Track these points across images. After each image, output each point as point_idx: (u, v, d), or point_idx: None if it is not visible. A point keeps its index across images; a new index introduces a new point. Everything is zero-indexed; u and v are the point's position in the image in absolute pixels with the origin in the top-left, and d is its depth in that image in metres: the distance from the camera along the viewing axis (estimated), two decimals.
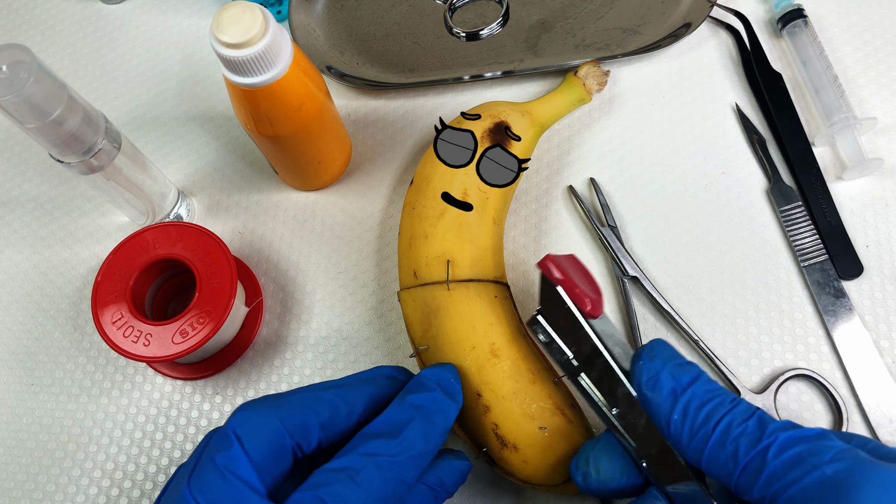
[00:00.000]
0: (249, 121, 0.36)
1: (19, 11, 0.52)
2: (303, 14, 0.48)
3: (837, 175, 0.43)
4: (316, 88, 0.36)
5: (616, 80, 0.46)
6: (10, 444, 0.41)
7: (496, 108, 0.41)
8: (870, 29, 0.46)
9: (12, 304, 0.44)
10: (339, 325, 0.42)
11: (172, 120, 0.48)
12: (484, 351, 0.35)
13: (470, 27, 0.47)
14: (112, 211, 0.46)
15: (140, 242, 0.38)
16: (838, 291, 0.40)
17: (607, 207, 0.42)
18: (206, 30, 0.50)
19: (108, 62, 0.50)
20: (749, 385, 0.39)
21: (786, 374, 0.38)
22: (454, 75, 0.46)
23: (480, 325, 0.35)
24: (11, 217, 0.46)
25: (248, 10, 0.30)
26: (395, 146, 0.46)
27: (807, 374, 0.38)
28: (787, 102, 0.44)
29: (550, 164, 0.44)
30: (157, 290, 0.41)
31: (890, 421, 0.37)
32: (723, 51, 0.46)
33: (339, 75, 0.46)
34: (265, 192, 0.45)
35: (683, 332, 0.39)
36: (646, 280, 0.40)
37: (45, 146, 0.34)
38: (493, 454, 0.34)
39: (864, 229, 0.41)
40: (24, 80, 0.30)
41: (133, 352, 0.36)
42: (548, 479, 0.34)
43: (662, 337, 0.40)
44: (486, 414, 0.34)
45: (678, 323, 0.39)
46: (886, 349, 0.39)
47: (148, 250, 0.38)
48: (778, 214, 0.42)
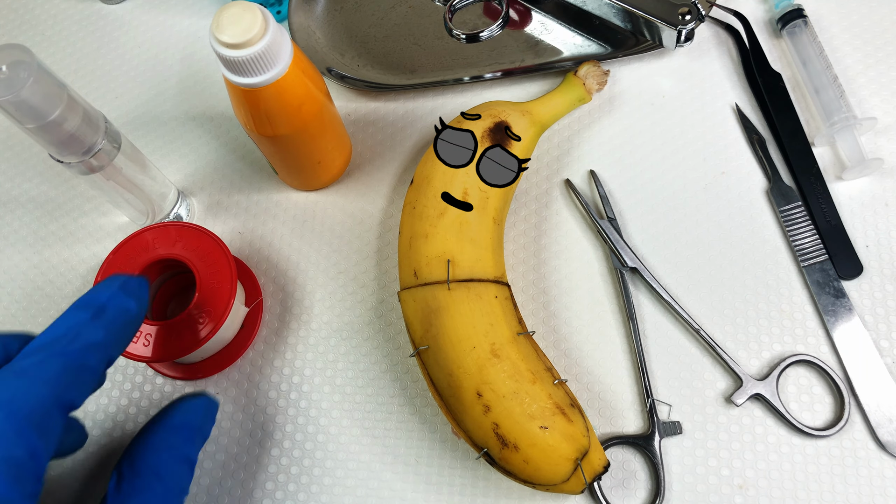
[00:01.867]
0: (249, 121, 0.36)
1: (19, 11, 0.52)
2: (303, 16, 0.48)
3: (837, 175, 0.43)
4: (316, 88, 0.36)
5: (616, 80, 0.46)
6: None
7: (496, 107, 0.41)
8: (870, 29, 0.46)
9: (12, 304, 0.44)
10: (339, 326, 0.42)
11: (172, 120, 0.48)
12: (484, 351, 0.35)
13: (470, 28, 0.47)
14: (112, 211, 0.46)
15: (140, 242, 0.38)
16: (838, 291, 0.40)
17: (607, 200, 0.43)
18: (206, 30, 0.50)
19: (108, 62, 0.50)
20: (750, 372, 0.39)
21: (787, 360, 0.39)
22: (454, 76, 0.46)
23: (481, 324, 0.35)
24: (11, 217, 0.46)
25: (247, 10, 0.30)
26: (395, 146, 0.46)
27: (807, 359, 0.39)
28: (787, 102, 0.44)
29: (550, 163, 0.44)
30: (156, 291, 0.41)
31: (890, 421, 0.37)
32: (722, 51, 0.46)
33: (339, 77, 0.46)
34: (265, 192, 0.45)
35: (684, 321, 0.40)
36: (645, 271, 0.40)
37: (45, 146, 0.34)
38: (494, 454, 0.34)
39: (864, 229, 0.41)
40: (24, 80, 0.30)
41: (133, 352, 0.36)
42: (549, 478, 0.34)
43: (662, 327, 0.40)
44: (487, 414, 0.34)
45: (678, 313, 0.40)
46: (886, 349, 0.39)
47: (148, 250, 0.38)
48: (778, 214, 0.42)
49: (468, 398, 0.34)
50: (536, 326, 0.41)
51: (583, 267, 0.42)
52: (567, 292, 0.41)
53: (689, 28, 0.42)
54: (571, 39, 0.47)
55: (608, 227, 0.42)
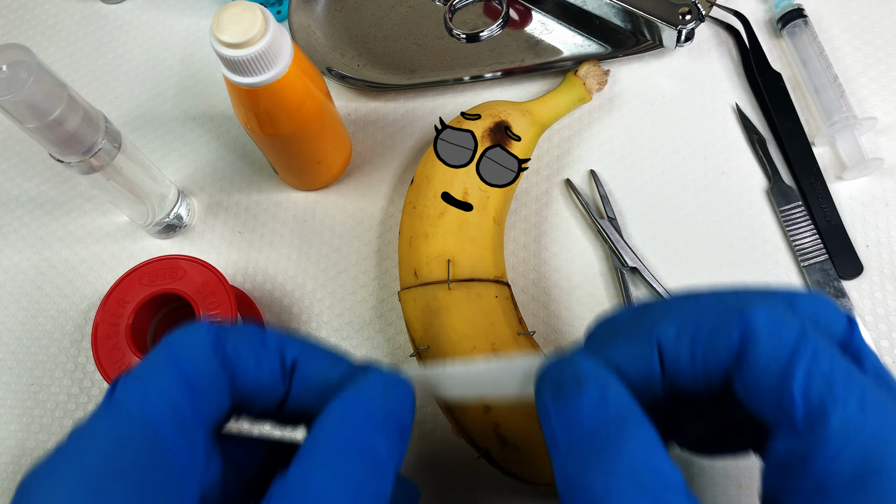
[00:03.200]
0: (249, 120, 0.36)
1: (19, 11, 0.52)
2: (303, 16, 0.48)
3: (837, 175, 0.43)
4: (316, 88, 0.36)
5: (616, 80, 0.46)
6: (10, 444, 0.41)
7: (496, 107, 0.41)
8: (870, 29, 0.46)
9: (12, 304, 0.44)
10: (339, 326, 0.42)
11: (172, 120, 0.48)
12: (485, 350, 0.35)
13: (470, 28, 0.47)
14: (112, 211, 0.46)
15: (137, 278, 0.38)
16: (838, 291, 0.40)
17: (607, 199, 0.43)
18: (206, 30, 0.50)
19: (108, 62, 0.50)
20: None
21: None
22: (454, 76, 0.46)
23: (481, 324, 0.35)
24: (11, 217, 0.46)
25: (248, 10, 0.31)
26: (395, 146, 0.46)
27: None
28: (787, 102, 0.44)
29: (551, 163, 0.44)
30: (157, 325, 0.41)
31: None
32: (723, 51, 0.46)
33: (339, 77, 0.46)
34: (265, 192, 0.45)
35: None
36: (645, 271, 0.40)
37: (45, 146, 0.34)
38: (494, 454, 0.34)
39: (864, 229, 0.41)
40: (24, 80, 0.30)
41: None
42: (549, 478, 0.34)
43: None
44: (487, 414, 0.34)
45: None
46: (886, 349, 0.39)
47: (145, 286, 0.38)
48: (778, 214, 0.42)
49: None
50: (537, 326, 0.41)
51: (583, 267, 0.42)
52: (567, 292, 0.41)
53: (690, 28, 0.42)
54: (571, 39, 0.47)
55: (608, 227, 0.42)
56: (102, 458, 0.19)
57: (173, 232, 0.44)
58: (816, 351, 0.20)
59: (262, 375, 0.23)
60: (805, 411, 0.20)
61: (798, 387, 0.20)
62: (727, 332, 0.21)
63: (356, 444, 0.21)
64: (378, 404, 0.22)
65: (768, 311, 0.21)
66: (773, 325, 0.21)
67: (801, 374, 0.20)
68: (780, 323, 0.21)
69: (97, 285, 0.44)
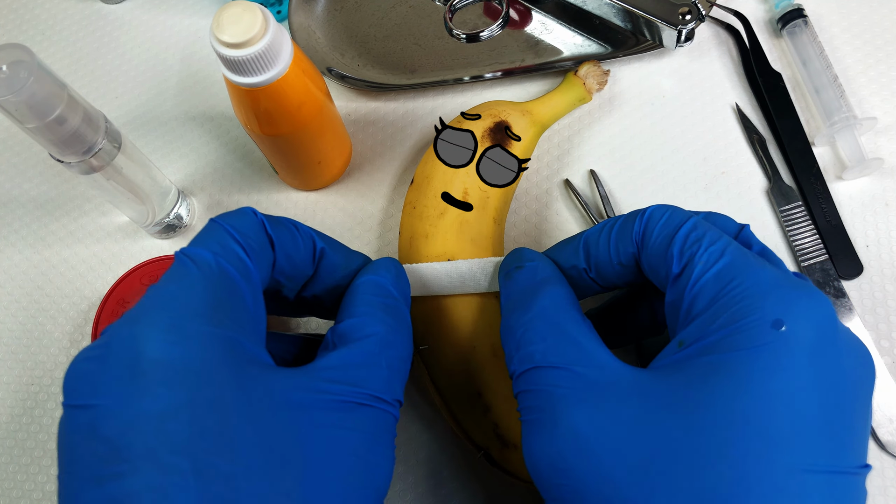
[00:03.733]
0: (250, 120, 0.36)
1: (19, 11, 0.52)
2: (303, 16, 0.48)
3: (837, 175, 0.43)
4: (316, 88, 0.36)
5: (616, 80, 0.46)
6: (9, 444, 0.41)
7: (496, 107, 0.41)
8: (870, 29, 0.46)
9: (12, 304, 0.44)
10: None
11: (172, 120, 0.48)
12: (485, 351, 0.35)
13: (470, 28, 0.47)
14: (112, 211, 0.46)
15: (137, 278, 0.38)
16: (838, 291, 0.40)
17: (607, 199, 0.43)
18: (206, 30, 0.50)
19: (108, 62, 0.50)
20: None
21: None
22: (454, 76, 0.46)
23: (481, 324, 0.35)
24: (11, 217, 0.46)
25: (248, 10, 0.31)
26: (395, 146, 0.46)
27: None
28: (787, 102, 0.44)
29: (551, 163, 0.44)
30: None
31: (890, 421, 0.37)
32: (722, 50, 0.46)
33: (339, 77, 0.46)
34: (265, 192, 0.45)
35: None
36: None
37: (45, 146, 0.34)
38: (494, 454, 0.34)
39: (864, 229, 0.41)
40: (24, 80, 0.30)
41: None
42: None
43: None
44: (487, 414, 0.34)
45: None
46: (886, 349, 0.39)
47: (145, 286, 0.38)
48: (778, 214, 0.42)
49: (468, 398, 0.34)
50: None
51: None
52: None
53: (690, 28, 0.42)
54: (571, 39, 0.47)
55: None
56: (201, 299, 0.24)
57: (173, 232, 0.44)
58: (696, 224, 0.27)
59: (297, 255, 0.29)
60: (679, 262, 0.26)
61: (676, 245, 0.27)
62: (632, 223, 0.29)
63: (383, 301, 0.30)
64: (392, 275, 0.31)
65: (665, 207, 0.29)
66: (667, 215, 0.28)
67: (680, 236, 0.27)
68: (673, 213, 0.28)
69: (97, 285, 0.44)
